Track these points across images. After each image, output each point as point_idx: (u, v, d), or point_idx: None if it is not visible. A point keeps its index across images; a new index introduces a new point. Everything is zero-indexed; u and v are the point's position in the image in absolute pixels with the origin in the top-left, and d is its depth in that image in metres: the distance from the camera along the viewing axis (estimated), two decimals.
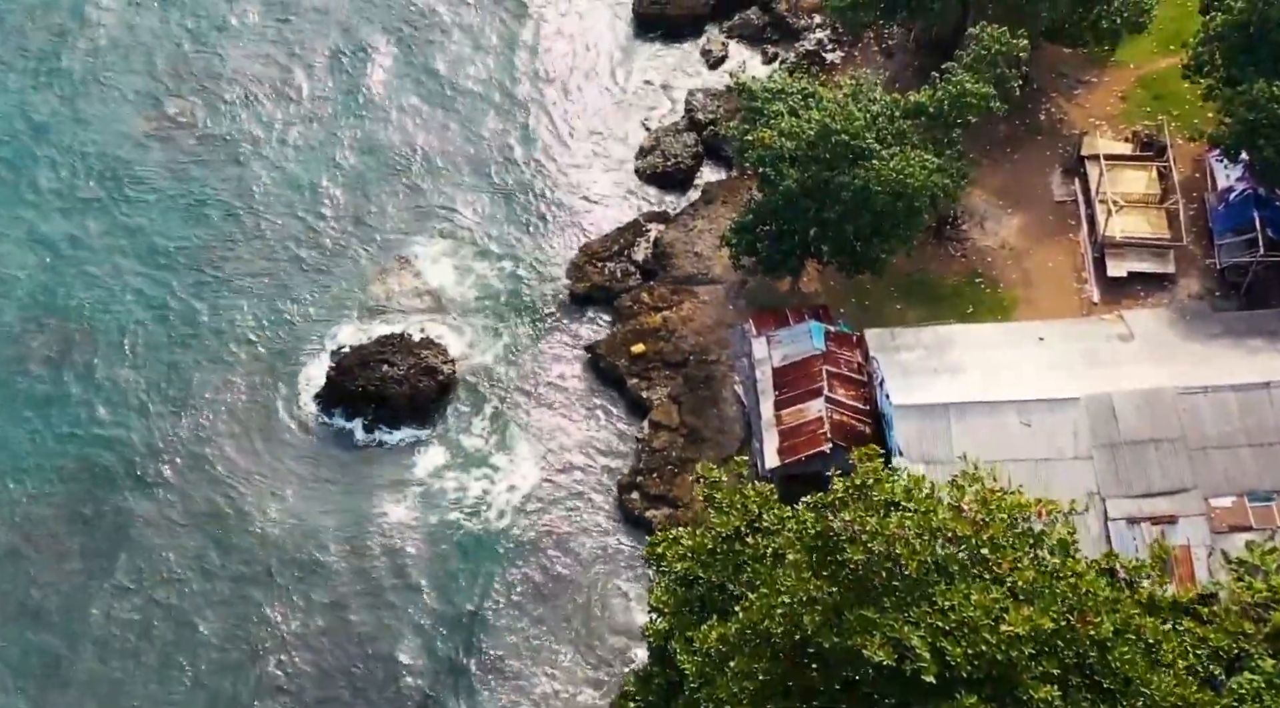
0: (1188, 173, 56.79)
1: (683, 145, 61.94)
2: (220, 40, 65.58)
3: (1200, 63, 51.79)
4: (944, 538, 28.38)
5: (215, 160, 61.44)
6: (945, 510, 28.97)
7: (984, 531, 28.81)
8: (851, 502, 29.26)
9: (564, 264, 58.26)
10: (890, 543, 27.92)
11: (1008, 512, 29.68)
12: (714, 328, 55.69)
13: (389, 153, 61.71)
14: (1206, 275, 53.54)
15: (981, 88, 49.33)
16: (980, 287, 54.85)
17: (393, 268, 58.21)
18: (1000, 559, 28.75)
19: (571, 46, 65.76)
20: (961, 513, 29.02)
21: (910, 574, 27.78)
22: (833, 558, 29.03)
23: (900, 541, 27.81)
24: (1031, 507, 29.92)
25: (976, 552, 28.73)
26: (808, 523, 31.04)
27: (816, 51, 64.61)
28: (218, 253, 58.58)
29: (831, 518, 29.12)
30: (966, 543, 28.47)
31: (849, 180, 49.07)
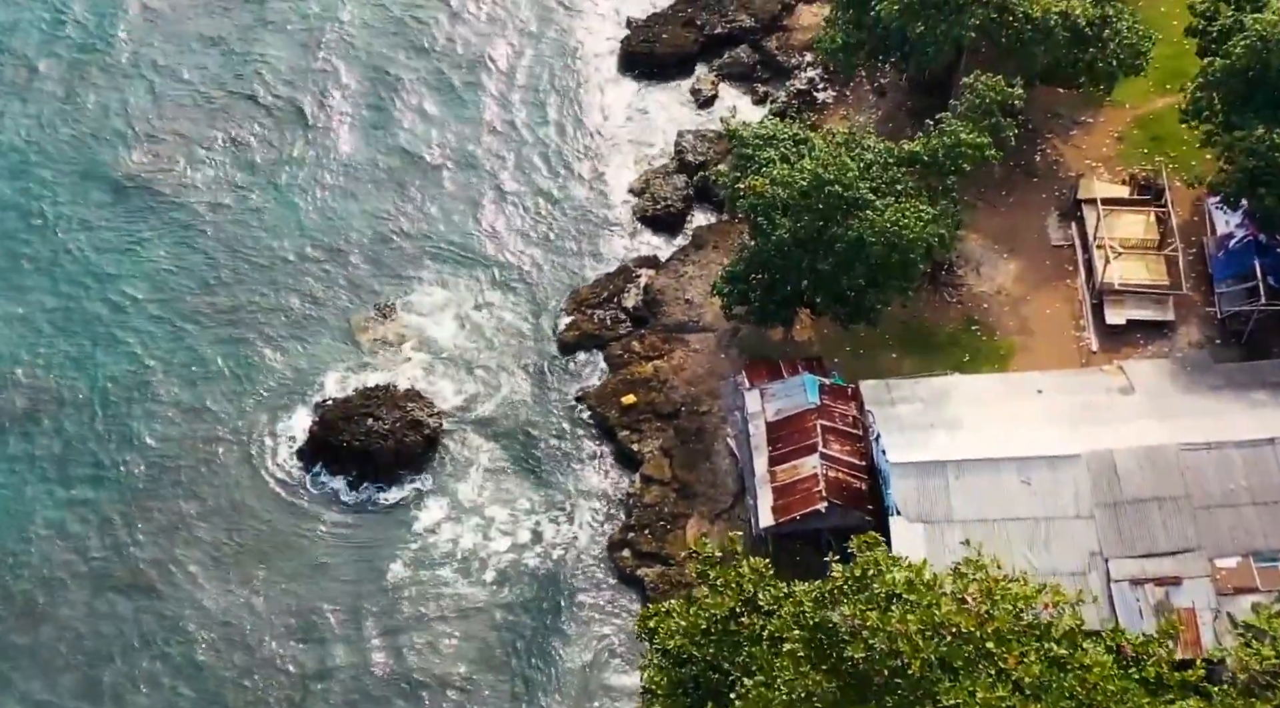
0: (1186, 216, 55.93)
1: (673, 188, 60.89)
2: (200, 84, 64.27)
3: (1199, 108, 50.95)
4: (948, 634, 27.32)
5: (194, 207, 60.18)
6: (948, 603, 27.92)
7: (989, 624, 27.76)
8: (851, 594, 28.22)
9: (553, 311, 57.15)
10: (892, 640, 26.90)
11: (1013, 603, 28.64)
12: (706, 377, 54.62)
13: (372, 198, 60.54)
14: (1206, 323, 52.65)
15: (976, 138, 48.43)
16: (977, 334, 53.87)
17: (378, 316, 57.04)
18: (1006, 654, 27.70)
19: (559, 87, 64.67)
20: (965, 605, 27.99)
21: (913, 673, 26.72)
22: (833, 652, 27.98)
23: (903, 637, 26.77)
24: (1038, 598, 28.85)
25: (981, 646, 27.68)
26: (806, 608, 29.99)
27: (808, 91, 63.70)
28: (196, 302, 57.31)
29: (831, 610, 28.09)
30: (971, 638, 27.42)
31: (843, 231, 48.11)
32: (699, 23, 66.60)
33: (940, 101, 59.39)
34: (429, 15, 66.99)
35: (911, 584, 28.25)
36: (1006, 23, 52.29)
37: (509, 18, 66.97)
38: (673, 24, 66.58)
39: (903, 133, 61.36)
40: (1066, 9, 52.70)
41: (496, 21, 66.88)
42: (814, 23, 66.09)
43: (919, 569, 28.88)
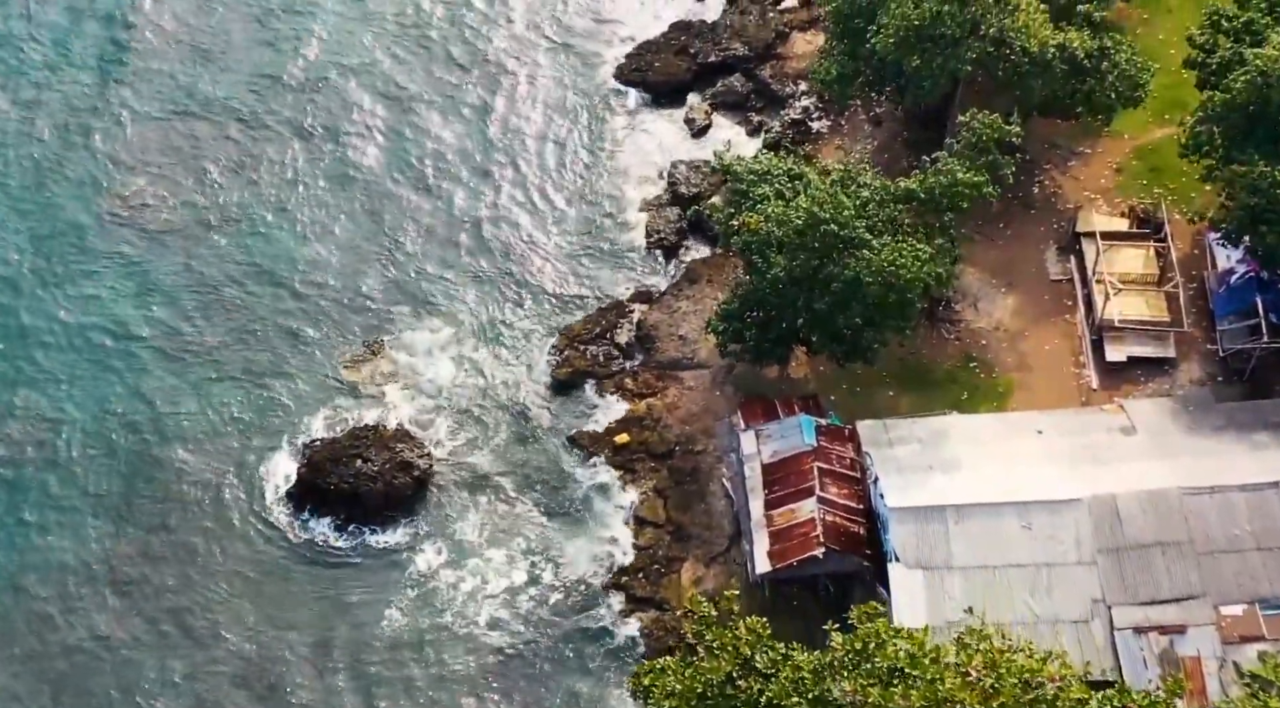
0: (1186, 250, 55.20)
1: (665, 221, 60.02)
2: (188, 116, 63.18)
3: (1199, 143, 50.26)
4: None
5: (181, 242, 59.18)
6: (952, 677, 27.10)
7: (994, 699, 26.94)
8: (852, 667, 27.38)
9: (545, 348, 56.25)
10: None
11: (1018, 675, 27.82)
12: (700, 416, 53.75)
13: (363, 233, 59.61)
14: (1208, 359, 51.89)
15: (973, 177, 47.69)
16: (975, 371, 53.06)
17: (366, 353, 56.05)
18: None
19: (550, 117, 63.68)
20: (969, 679, 27.16)
21: None
22: None
23: None
24: (1044, 670, 28.00)
25: None
26: (806, 678, 29.15)
27: (802, 120, 62.87)
28: (180, 341, 56.23)
29: (832, 683, 27.25)
30: None
31: (839, 271, 47.31)
32: (692, 51, 65.79)
33: (937, 132, 58.78)
34: (416, 47, 66.09)
35: (914, 659, 27.41)
36: (1003, 56, 51.59)
37: (497, 49, 66.10)
38: (665, 52, 65.75)
39: (899, 164, 60.83)
40: (1064, 41, 52.03)
41: (485, 53, 66.01)
42: (808, 50, 65.43)
43: (921, 641, 28.04)
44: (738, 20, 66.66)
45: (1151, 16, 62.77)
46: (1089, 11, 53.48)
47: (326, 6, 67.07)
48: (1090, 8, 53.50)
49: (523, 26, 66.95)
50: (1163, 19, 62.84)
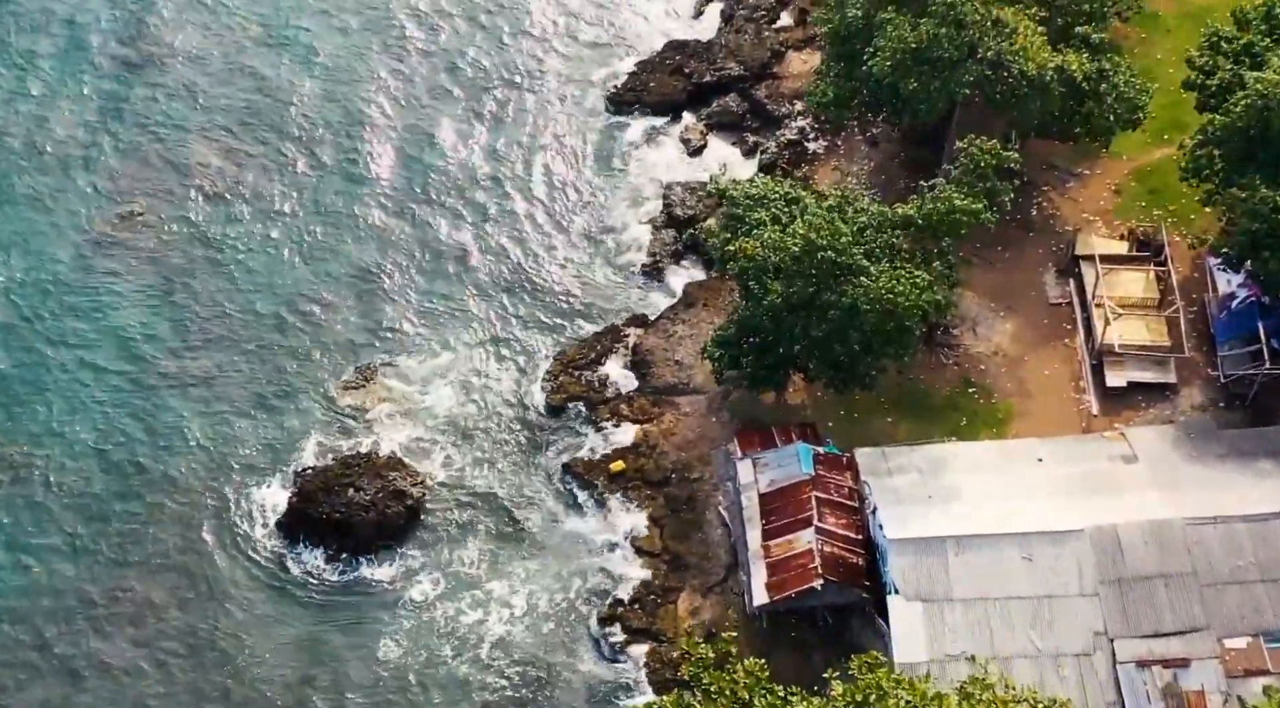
0: (1186, 273, 54.67)
1: (661, 243, 59.51)
2: (182, 138, 62.48)
3: (1199, 167, 49.79)
4: None
5: (173, 266, 58.53)
6: None
7: None
8: None
9: (539, 373, 55.63)
10: None
11: None
12: (696, 442, 53.12)
13: (355, 257, 58.93)
14: (1209, 384, 51.35)
15: (972, 204, 47.17)
16: (974, 397, 52.51)
17: (359, 379, 55.36)
18: None
19: (543, 139, 63.12)
20: None
21: None
22: None
23: None
24: None
25: None
26: None
27: (798, 141, 62.32)
28: (170, 366, 55.55)
29: None
30: None
31: (836, 298, 46.76)
32: (687, 71, 65.27)
33: (934, 153, 58.31)
34: (409, 70, 65.56)
35: None
36: (1001, 79, 51.09)
37: (490, 73, 65.52)
38: (660, 72, 65.23)
39: (896, 184, 60.34)
40: (1062, 64, 51.57)
41: (478, 77, 65.48)
42: (804, 70, 64.96)
43: (923, 691, 27.48)
44: (733, 40, 66.20)
45: (1149, 36, 62.43)
46: (1087, 33, 53.02)
47: (322, 33, 66.57)
48: (1088, 30, 53.05)
49: (515, 48, 66.49)
50: (1160, 38, 62.50)
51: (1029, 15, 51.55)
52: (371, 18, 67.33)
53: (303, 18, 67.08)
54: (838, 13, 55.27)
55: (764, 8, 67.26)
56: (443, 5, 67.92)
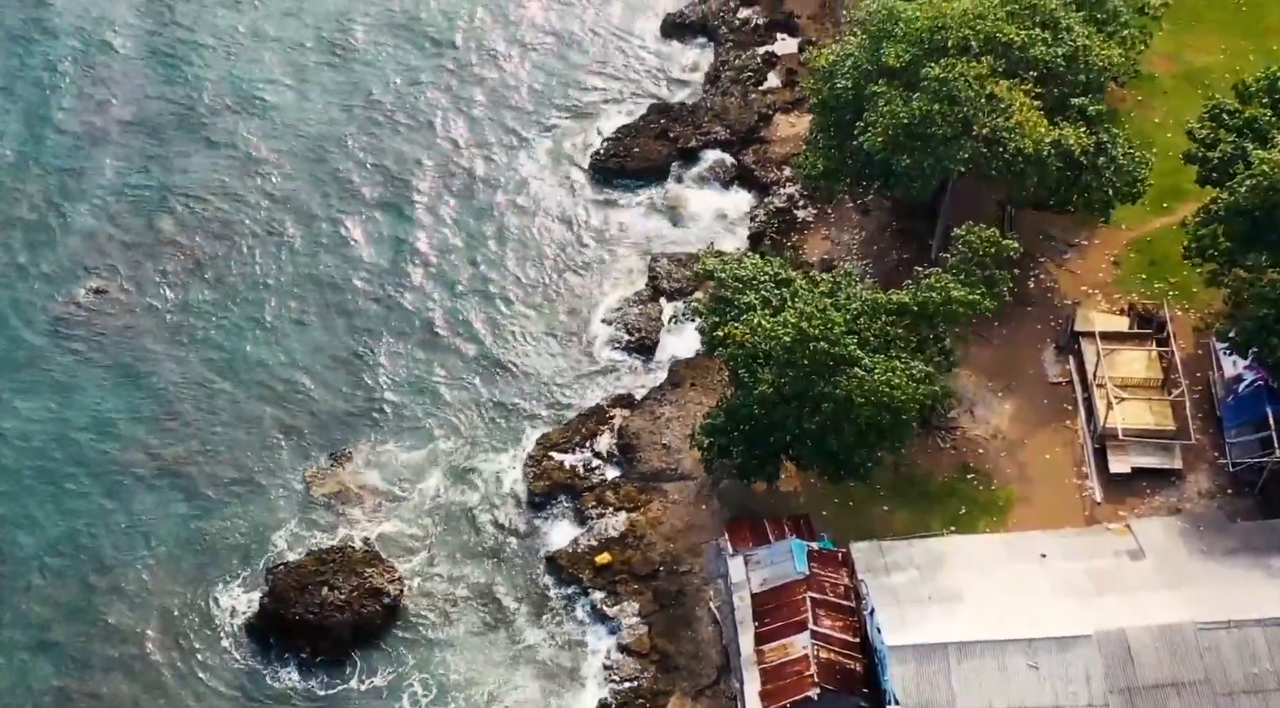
0: (1189, 348, 53.01)
1: (647, 318, 57.52)
2: (150, 207, 60.16)
3: (1202, 246, 48.16)
4: None
5: (138, 347, 56.22)
6: None
7: None
8: None
9: (522, 458, 53.39)
10: None
11: None
12: (685, 532, 51.01)
13: (330, 336, 56.72)
14: (1216, 470, 49.54)
15: (969, 294, 45.41)
16: (973, 483, 50.57)
17: (333, 466, 53.04)
18: None
19: (523, 209, 61.05)
20: None
21: None
22: None
23: None
24: None
25: None
26: None
27: (787, 208, 60.54)
28: (136, 454, 53.07)
29: None
30: None
31: (830, 390, 44.91)
32: (672, 135, 63.45)
33: (927, 223, 56.68)
34: (383, 133, 63.60)
35: None
36: (997, 155, 49.45)
37: (471, 135, 63.66)
38: (644, 136, 63.41)
39: (888, 255, 58.63)
40: (1059, 138, 49.95)
41: (458, 138, 63.57)
42: (792, 134, 63.25)
43: None
44: (719, 102, 64.51)
45: (1146, 98, 60.94)
46: (1083, 105, 51.38)
47: (290, 99, 64.61)
48: (1085, 102, 51.44)
49: (493, 113, 64.57)
50: (1158, 101, 61.03)
51: (1023, 89, 49.98)
52: (341, 83, 65.48)
53: (270, 83, 65.21)
54: (827, 83, 53.61)
55: (750, 69, 65.65)
56: (414, 69, 66.10)
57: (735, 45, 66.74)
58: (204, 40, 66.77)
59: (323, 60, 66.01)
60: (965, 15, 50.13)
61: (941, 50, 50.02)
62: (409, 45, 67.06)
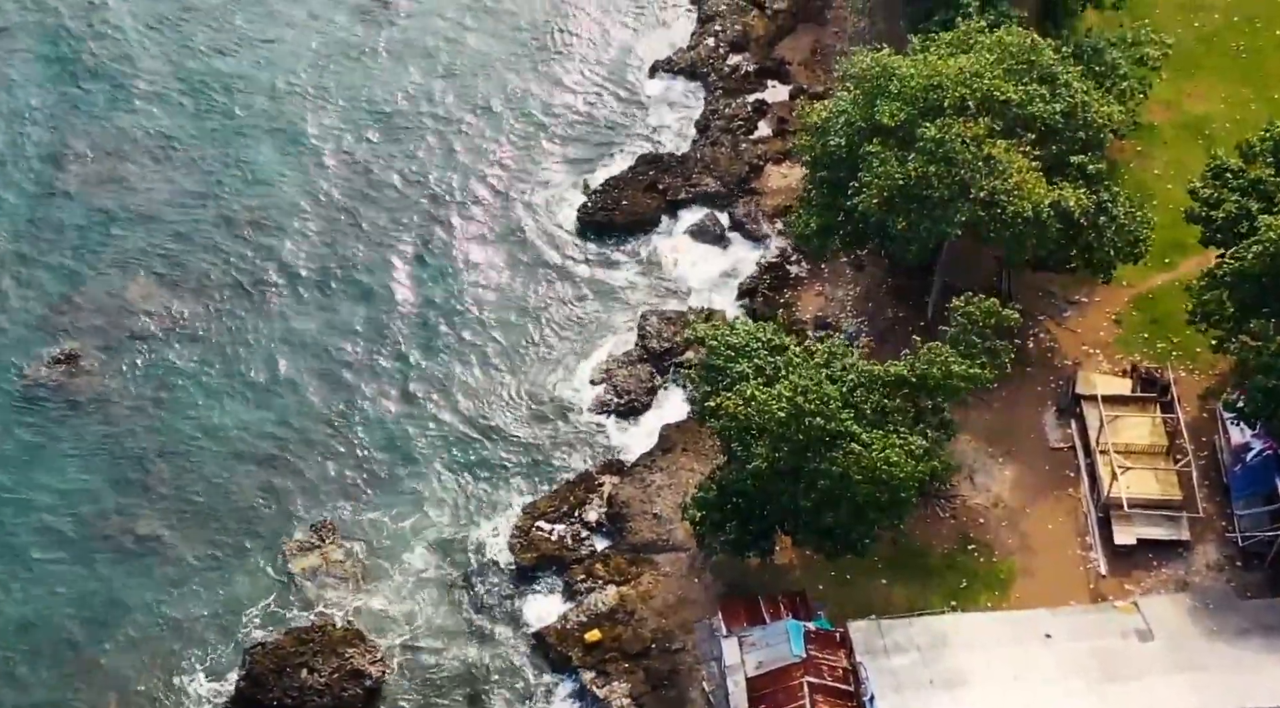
0: (1194, 411, 51.58)
1: (636, 379, 55.88)
2: (122, 269, 58.28)
3: (1207, 312, 46.79)
4: None
5: (111, 412, 54.34)
6: None
7: None
8: None
9: (508, 528, 51.68)
10: None
11: None
12: (677, 607, 49.31)
13: (310, 401, 54.97)
14: (1224, 541, 48.04)
15: (969, 368, 43.94)
16: (974, 555, 48.99)
17: (313, 538, 51.25)
18: None
19: (508, 264, 59.34)
20: None
21: None
22: None
23: None
24: None
25: None
26: None
27: (780, 263, 59.07)
28: (108, 526, 51.16)
29: None
30: None
31: (826, 467, 43.39)
32: (661, 187, 61.93)
33: (923, 279, 55.27)
34: (360, 186, 61.74)
35: None
36: (995, 216, 48.10)
37: (455, 187, 61.87)
38: (633, 188, 61.88)
39: (884, 313, 57.13)
40: (1058, 199, 48.58)
41: (440, 190, 61.82)
42: (784, 185, 61.81)
43: None
44: (709, 153, 63.01)
45: (1145, 149, 59.60)
46: (1083, 163, 50.04)
47: (266, 151, 62.62)
48: (1084, 160, 50.11)
49: (476, 165, 62.85)
50: (1157, 152, 59.67)
51: (1022, 150, 48.58)
52: (320, 137, 63.56)
53: (245, 137, 63.23)
54: (819, 139, 52.21)
55: (741, 117, 64.18)
56: (394, 120, 64.32)
57: (725, 93, 65.37)
58: (175, 90, 64.96)
59: (300, 115, 64.17)
60: (961, 74, 48.79)
61: (938, 109, 48.67)
62: (389, 95, 65.30)
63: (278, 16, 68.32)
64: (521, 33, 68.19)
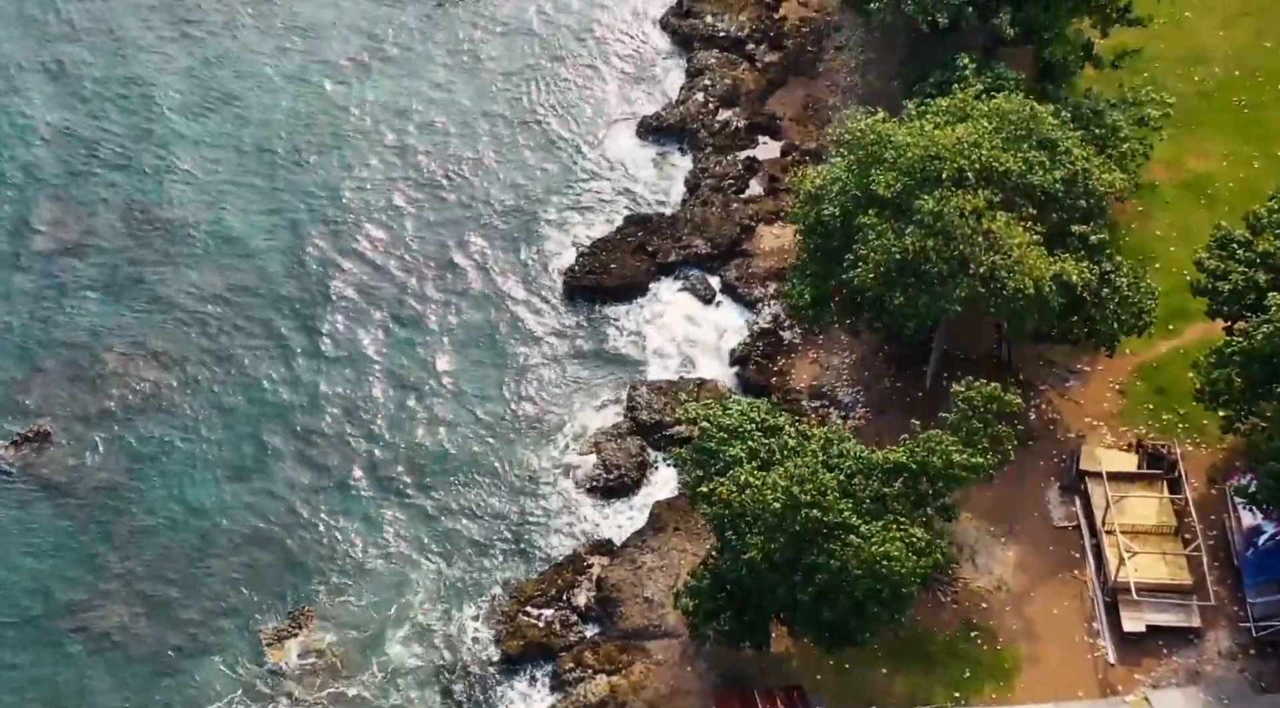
0: (1202, 487, 49.95)
1: (626, 453, 53.93)
2: (93, 341, 56.01)
3: (1216, 391, 45.21)
4: None
5: (86, 493, 52.18)
6: None
7: None
8: None
9: (494, 614, 49.70)
10: None
11: None
12: (670, 698, 47.20)
13: (286, 477, 52.94)
14: (1236, 627, 46.25)
15: (972, 458, 42.29)
16: (976, 642, 47.16)
17: (290, 626, 49.21)
18: None
19: (491, 332, 57.33)
20: None
21: None
22: None
23: None
24: None
25: None
26: None
27: (773, 329, 57.37)
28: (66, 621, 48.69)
29: None
30: None
31: (824, 560, 41.64)
32: (650, 249, 60.16)
33: (921, 348, 53.69)
34: (342, 248, 59.68)
35: None
36: (995, 292, 46.52)
37: (436, 249, 59.93)
38: (621, 251, 60.08)
39: (880, 381, 55.45)
40: (1060, 271, 47.05)
41: (422, 252, 59.86)
42: (776, 247, 60.13)
43: None
44: (699, 213, 61.33)
45: (1147, 210, 58.06)
46: (1085, 233, 48.57)
47: (239, 215, 60.63)
48: (1086, 229, 48.62)
49: (459, 225, 60.91)
50: (1159, 212, 58.17)
51: (1023, 223, 47.02)
52: (292, 199, 61.49)
53: (216, 202, 61.15)
54: (812, 208, 50.64)
55: (731, 176, 62.51)
56: (371, 182, 62.33)
57: (715, 150, 63.68)
58: (146, 153, 62.91)
59: (274, 178, 62.14)
60: (959, 144, 47.26)
61: (935, 181, 47.19)
62: (366, 156, 63.37)
63: (249, 76, 66.50)
64: (504, 89, 66.37)
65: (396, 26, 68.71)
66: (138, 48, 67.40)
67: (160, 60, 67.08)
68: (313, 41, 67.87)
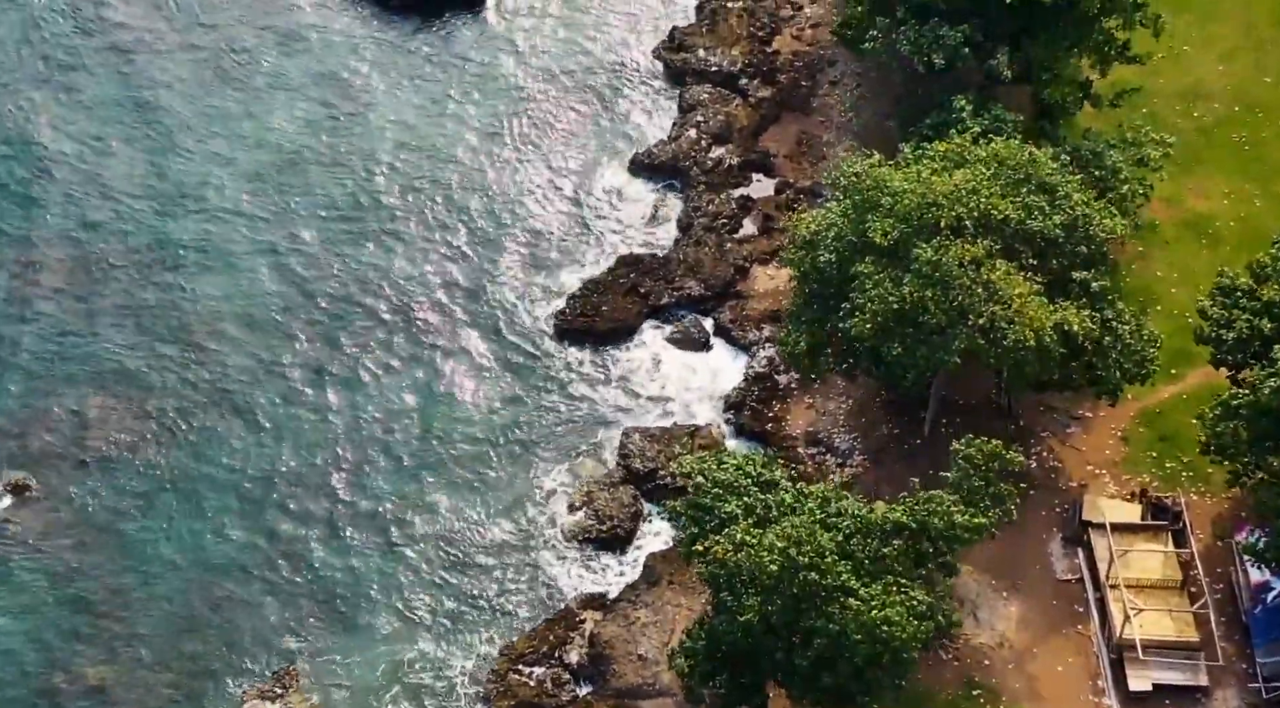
0: (1208, 539, 48.88)
1: (619, 504, 52.69)
2: (76, 390, 54.61)
3: (1222, 444, 44.22)
4: None
5: (67, 549, 50.67)
6: None
7: None
8: None
9: (484, 672, 48.40)
10: None
11: None
12: None
13: (273, 532, 51.63)
14: (1245, 687, 45.09)
15: (974, 519, 41.23)
16: (979, 701, 45.93)
17: (276, 687, 47.76)
18: None
19: (478, 380, 55.94)
20: None
21: None
22: None
23: None
24: None
25: None
26: None
27: (768, 373, 56.28)
28: (59, 675, 47.44)
29: None
30: None
31: (822, 625, 40.51)
32: (642, 290, 58.95)
33: (918, 397, 52.59)
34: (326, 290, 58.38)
35: None
36: (995, 342, 45.52)
37: (421, 291, 58.61)
38: (613, 293, 58.91)
39: (877, 428, 54.35)
40: (1061, 321, 46.06)
41: (407, 294, 58.52)
42: (771, 288, 59.02)
43: None
44: (692, 253, 60.21)
45: (1147, 250, 57.08)
46: (1086, 280, 47.60)
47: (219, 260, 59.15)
48: (1087, 276, 47.67)
49: (446, 266, 59.51)
50: (1159, 253, 57.20)
51: (1023, 271, 46.06)
52: (274, 241, 60.02)
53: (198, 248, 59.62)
54: (808, 253, 49.67)
55: (725, 215, 61.41)
56: (355, 222, 60.87)
57: (708, 188, 62.57)
58: (128, 198, 61.45)
59: (256, 225, 60.69)
60: (957, 192, 46.32)
61: (933, 229, 46.25)
62: (350, 192, 61.97)
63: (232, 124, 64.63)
64: (491, 128, 64.99)
65: (379, 64, 67.64)
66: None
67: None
68: (292, 90, 65.86)
